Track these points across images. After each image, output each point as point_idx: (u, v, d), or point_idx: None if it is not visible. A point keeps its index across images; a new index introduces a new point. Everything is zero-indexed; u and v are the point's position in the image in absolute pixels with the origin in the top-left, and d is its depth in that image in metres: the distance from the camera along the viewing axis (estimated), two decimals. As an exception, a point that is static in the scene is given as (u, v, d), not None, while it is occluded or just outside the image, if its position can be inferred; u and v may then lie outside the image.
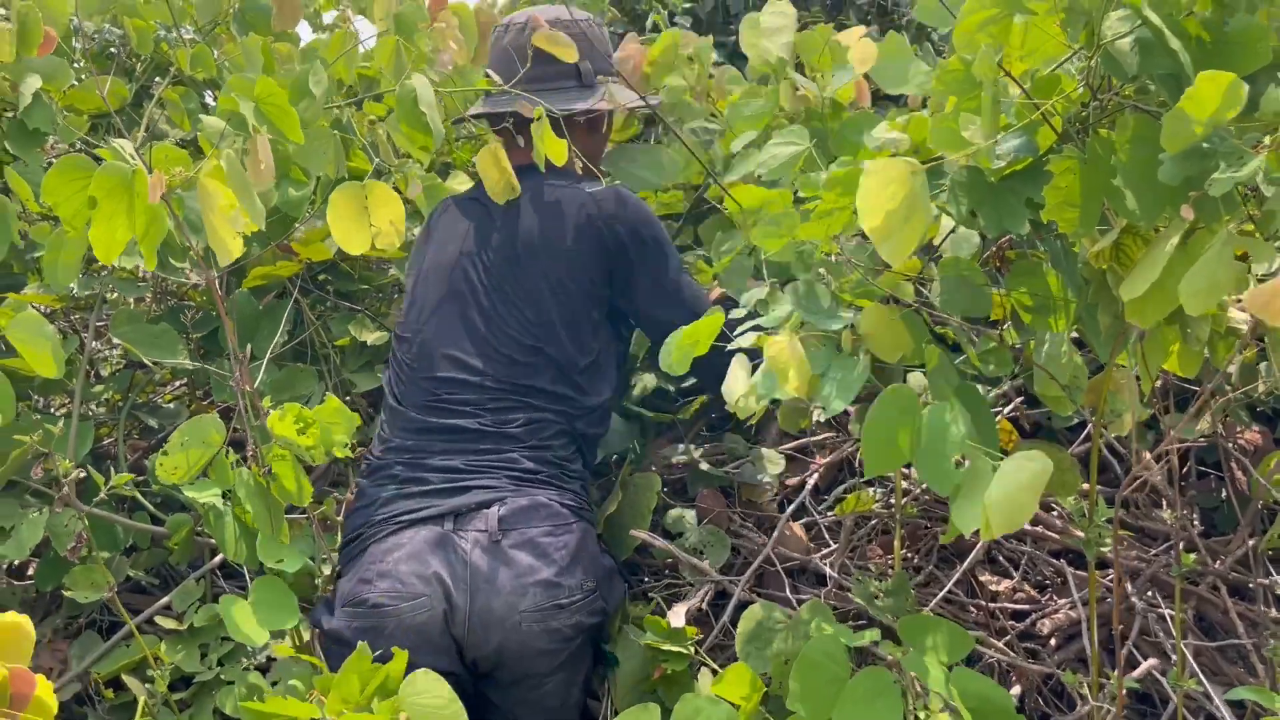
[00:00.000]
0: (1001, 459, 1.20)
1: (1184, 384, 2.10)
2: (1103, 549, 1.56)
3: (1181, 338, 1.28)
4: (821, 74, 2.01)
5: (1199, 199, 1.02)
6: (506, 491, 1.80)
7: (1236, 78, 0.99)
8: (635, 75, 1.94)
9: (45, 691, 1.21)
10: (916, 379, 1.51)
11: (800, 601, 1.87)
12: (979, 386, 1.45)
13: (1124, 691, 1.66)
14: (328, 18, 2.85)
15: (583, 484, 1.94)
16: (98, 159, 1.55)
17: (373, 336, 2.19)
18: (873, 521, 2.08)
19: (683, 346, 1.46)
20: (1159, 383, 2.04)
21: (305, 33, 4.63)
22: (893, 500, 2.02)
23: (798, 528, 2.12)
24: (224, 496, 1.78)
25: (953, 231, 1.41)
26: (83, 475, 1.83)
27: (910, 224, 1.05)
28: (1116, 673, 1.62)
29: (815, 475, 2.17)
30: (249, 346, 1.91)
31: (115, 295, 2.03)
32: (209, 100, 2.56)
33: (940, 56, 2.58)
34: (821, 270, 1.40)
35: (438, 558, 1.74)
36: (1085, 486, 1.73)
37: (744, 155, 1.54)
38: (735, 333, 1.47)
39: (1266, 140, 0.97)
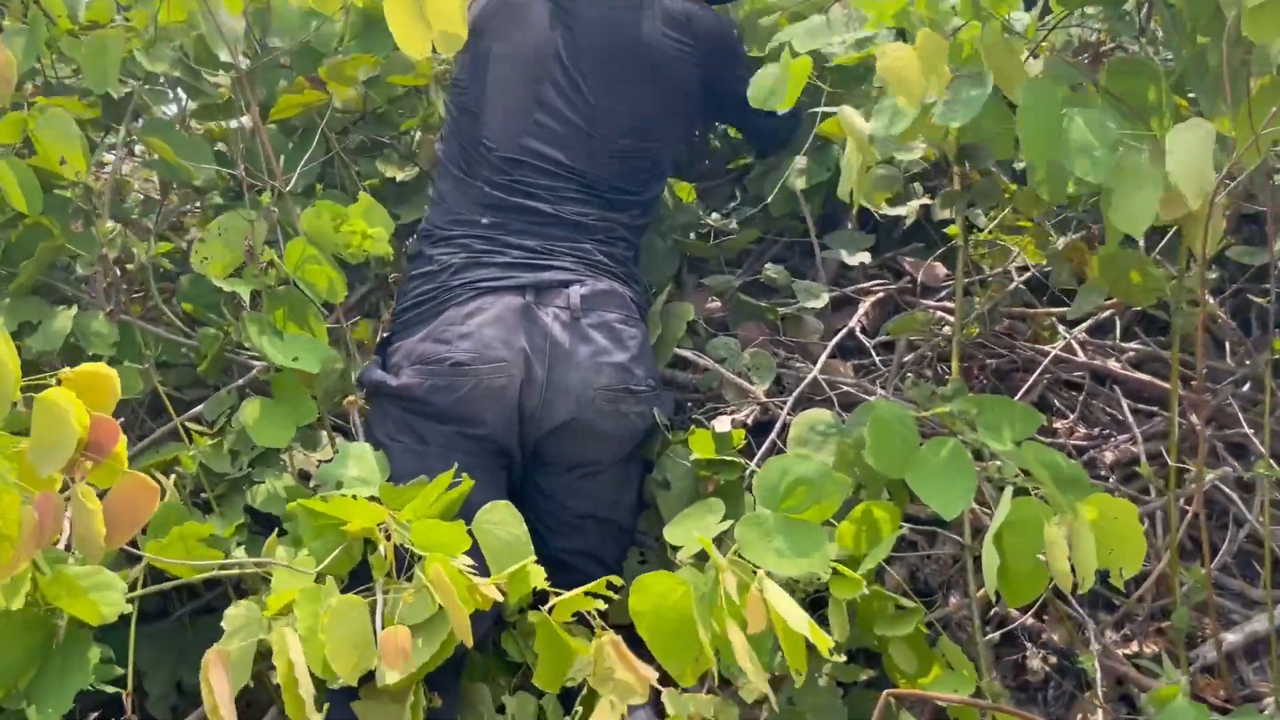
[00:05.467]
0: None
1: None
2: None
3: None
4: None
5: None
6: (584, 275, 1.70)
7: None
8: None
9: (122, 448, 1.08)
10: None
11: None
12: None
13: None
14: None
15: (642, 288, 1.84)
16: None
17: (402, 173, 2.02)
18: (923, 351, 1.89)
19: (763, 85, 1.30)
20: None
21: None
22: (945, 329, 1.84)
23: (847, 367, 1.94)
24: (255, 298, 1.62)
25: None
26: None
27: None
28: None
29: (863, 313, 1.98)
30: (282, 157, 1.74)
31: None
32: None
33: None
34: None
35: (521, 327, 1.63)
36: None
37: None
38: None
39: None
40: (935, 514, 1.75)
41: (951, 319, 1.82)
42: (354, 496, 1.35)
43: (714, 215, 2.14)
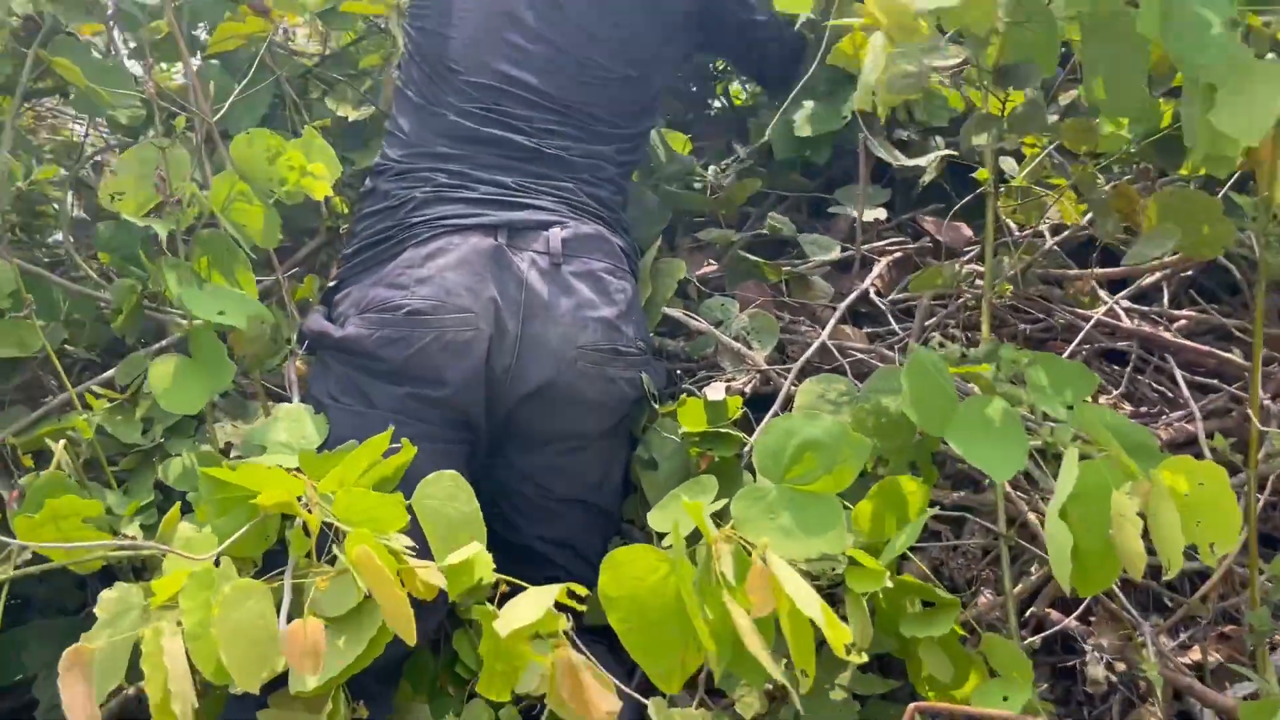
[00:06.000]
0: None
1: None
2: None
3: None
4: None
5: None
6: (566, 216, 1.46)
7: None
8: None
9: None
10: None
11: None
12: None
13: None
14: None
15: (631, 238, 1.60)
16: None
17: (356, 113, 1.79)
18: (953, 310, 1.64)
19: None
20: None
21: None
22: (978, 283, 1.60)
23: (859, 334, 1.70)
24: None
25: None
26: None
27: None
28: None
29: (878, 274, 1.75)
30: (212, 83, 1.51)
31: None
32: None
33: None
34: None
35: (491, 273, 1.39)
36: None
37: None
38: None
39: None
40: (961, 500, 1.54)
41: (978, 276, 1.59)
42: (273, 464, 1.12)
43: (711, 169, 1.91)
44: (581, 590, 1.04)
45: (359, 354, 1.36)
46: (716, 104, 2.37)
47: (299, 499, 1.05)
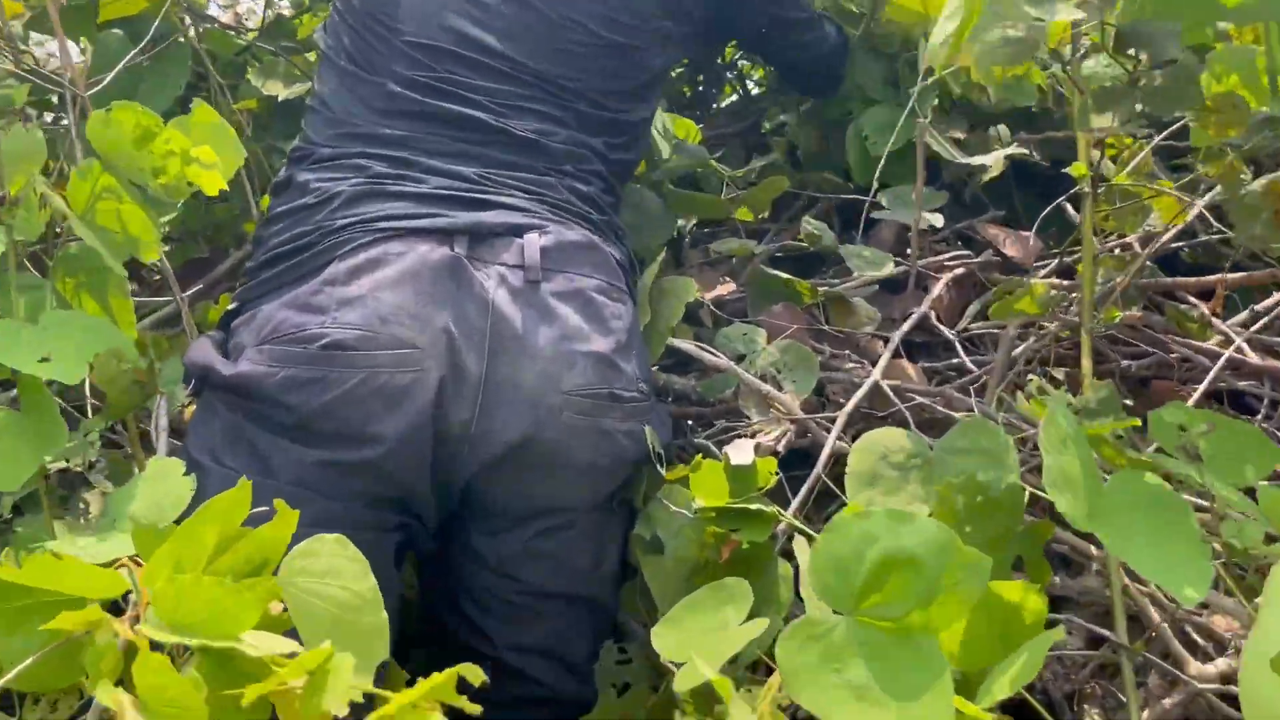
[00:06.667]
0: None
1: None
2: None
3: None
4: None
5: None
6: (546, 218, 1.12)
7: None
8: None
9: None
10: None
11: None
12: None
13: None
14: None
15: (628, 249, 1.25)
16: None
17: (286, 91, 1.44)
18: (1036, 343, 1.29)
19: None
20: None
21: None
22: (1073, 307, 1.25)
23: (916, 371, 1.36)
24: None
25: None
26: None
27: None
28: None
29: (937, 295, 1.40)
30: (86, 46, 1.17)
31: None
32: None
33: None
34: None
35: (445, 294, 1.04)
36: None
37: None
38: None
39: None
40: (1054, 590, 1.19)
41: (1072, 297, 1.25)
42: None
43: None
44: (478, 677, 0.68)
45: (255, 398, 1.00)
46: (731, 98, 2.05)
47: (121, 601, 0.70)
